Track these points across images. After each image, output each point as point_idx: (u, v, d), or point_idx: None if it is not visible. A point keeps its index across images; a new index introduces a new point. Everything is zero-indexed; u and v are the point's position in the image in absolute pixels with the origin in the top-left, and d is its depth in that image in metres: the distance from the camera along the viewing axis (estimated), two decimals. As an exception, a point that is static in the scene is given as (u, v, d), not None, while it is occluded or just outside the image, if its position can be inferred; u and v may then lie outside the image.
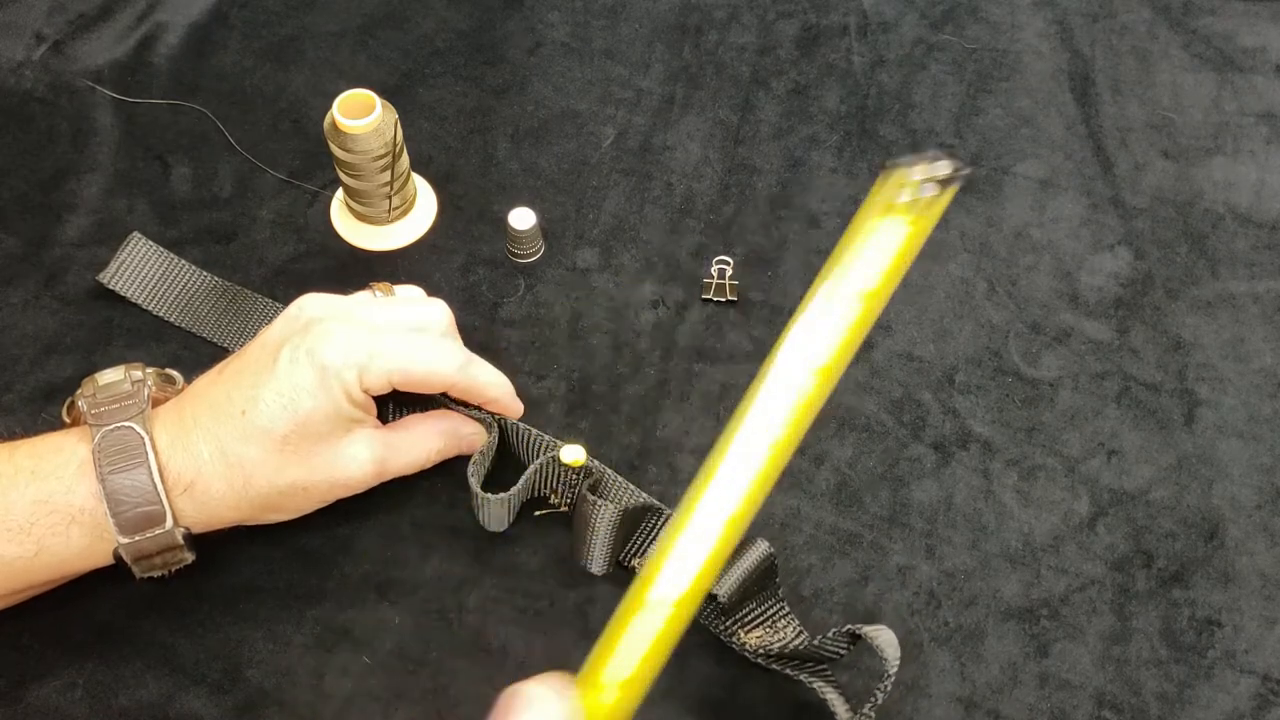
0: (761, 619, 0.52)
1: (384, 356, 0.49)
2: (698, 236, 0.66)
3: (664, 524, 0.53)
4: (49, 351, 0.60)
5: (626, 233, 0.66)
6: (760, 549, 0.51)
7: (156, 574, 0.50)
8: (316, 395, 0.48)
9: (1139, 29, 0.75)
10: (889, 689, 0.47)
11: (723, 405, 0.60)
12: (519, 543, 0.55)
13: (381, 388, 0.50)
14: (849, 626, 0.48)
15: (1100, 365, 0.61)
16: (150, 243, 0.63)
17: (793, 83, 0.72)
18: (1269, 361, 0.62)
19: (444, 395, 0.53)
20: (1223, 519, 0.57)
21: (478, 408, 0.55)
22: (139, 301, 0.61)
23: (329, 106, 0.59)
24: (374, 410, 0.52)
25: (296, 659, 0.52)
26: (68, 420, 0.52)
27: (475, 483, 0.53)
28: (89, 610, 0.53)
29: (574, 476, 0.54)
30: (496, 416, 0.55)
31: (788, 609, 0.53)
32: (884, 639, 0.48)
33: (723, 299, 0.63)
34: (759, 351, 0.61)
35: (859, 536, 0.56)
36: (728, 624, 0.52)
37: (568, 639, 0.53)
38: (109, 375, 0.50)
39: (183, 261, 0.63)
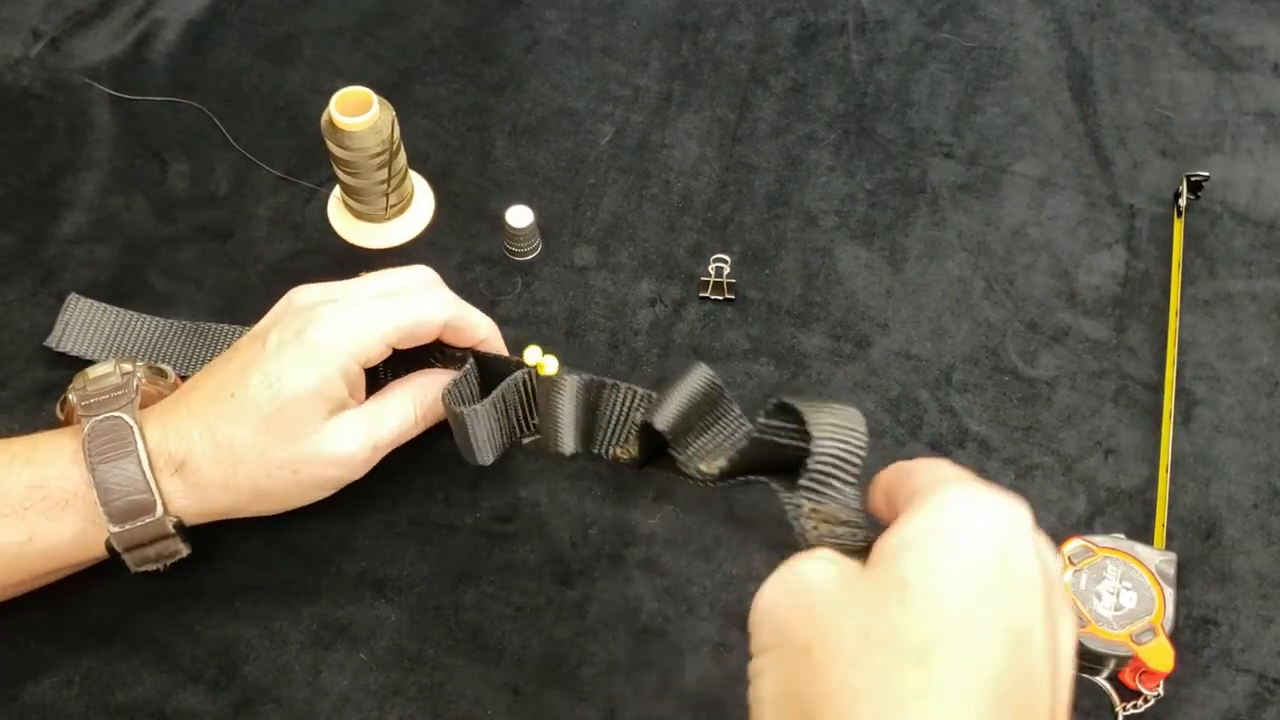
0: (721, 445, 0.49)
1: (376, 324, 0.50)
2: (695, 234, 0.66)
3: (634, 403, 0.50)
4: (45, 349, 0.60)
5: (624, 230, 0.66)
6: (701, 373, 0.48)
7: (151, 568, 0.50)
8: (302, 374, 0.48)
9: (1137, 27, 0.75)
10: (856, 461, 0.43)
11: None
12: (516, 540, 0.55)
13: (380, 354, 0.50)
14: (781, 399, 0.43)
15: (1097, 364, 0.61)
16: (92, 301, 0.60)
17: (791, 81, 0.72)
18: (1266, 360, 0.62)
19: (436, 343, 0.53)
20: (1219, 518, 0.57)
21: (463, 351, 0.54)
22: (94, 359, 0.58)
23: (326, 104, 0.59)
24: (362, 393, 0.52)
25: (293, 656, 0.52)
26: (61, 417, 0.52)
27: (450, 399, 0.50)
28: (85, 607, 0.53)
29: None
30: (471, 351, 0.53)
31: (746, 425, 0.48)
32: (835, 418, 0.43)
33: (720, 297, 0.63)
34: (756, 349, 0.61)
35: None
36: (684, 457, 0.48)
37: (564, 636, 0.53)
38: (99, 369, 0.51)
39: (134, 313, 0.60)
